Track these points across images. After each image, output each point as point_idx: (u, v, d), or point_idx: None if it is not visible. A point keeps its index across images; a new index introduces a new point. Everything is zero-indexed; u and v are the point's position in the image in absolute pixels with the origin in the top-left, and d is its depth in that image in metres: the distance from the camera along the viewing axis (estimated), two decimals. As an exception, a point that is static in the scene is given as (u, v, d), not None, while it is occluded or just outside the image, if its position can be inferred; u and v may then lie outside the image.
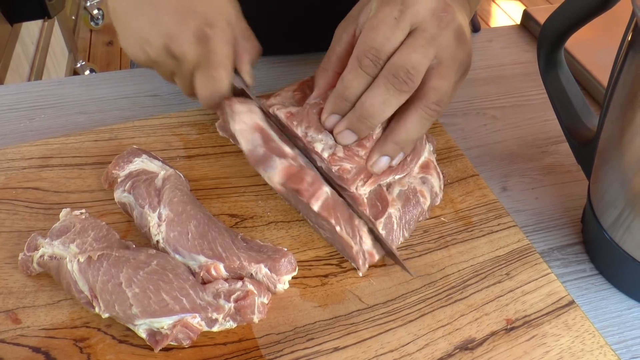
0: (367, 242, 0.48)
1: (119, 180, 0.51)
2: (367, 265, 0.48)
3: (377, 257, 0.48)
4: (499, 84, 0.73)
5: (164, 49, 0.50)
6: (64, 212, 0.49)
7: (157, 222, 0.48)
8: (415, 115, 0.46)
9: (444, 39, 0.45)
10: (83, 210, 0.49)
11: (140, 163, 0.52)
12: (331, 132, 0.49)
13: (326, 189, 0.47)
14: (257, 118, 0.49)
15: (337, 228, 0.46)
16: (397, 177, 0.51)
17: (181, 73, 0.52)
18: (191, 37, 0.49)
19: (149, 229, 0.48)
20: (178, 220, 0.47)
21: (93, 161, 0.56)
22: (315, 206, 0.46)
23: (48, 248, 0.46)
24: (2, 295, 0.45)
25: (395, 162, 0.49)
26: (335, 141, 0.48)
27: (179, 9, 0.50)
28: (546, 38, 0.52)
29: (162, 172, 0.51)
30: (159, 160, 0.53)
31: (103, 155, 0.56)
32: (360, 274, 0.48)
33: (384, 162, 0.48)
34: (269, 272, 0.46)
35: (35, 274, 0.47)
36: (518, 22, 0.86)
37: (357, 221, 0.48)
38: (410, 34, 0.45)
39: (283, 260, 0.46)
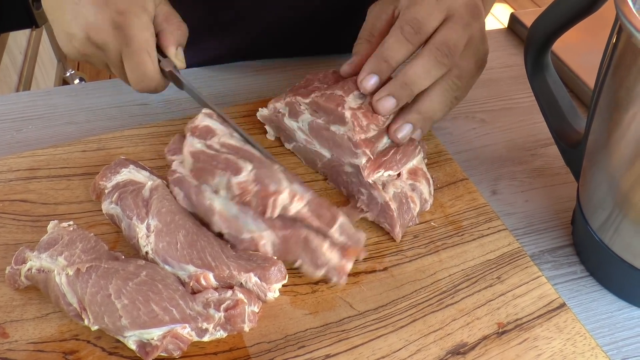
0: (333, 258, 0.46)
1: (106, 191, 0.51)
2: (344, 278, 0.46)
3: (349, 267, 0.46)
4: (488, 87, 0.73)
5: (87, 41, 0.53)
6: (51, 225, 0.48)
7: (146, 233, 0.47)
8: (439, 87, 0.51)
9: (475, 29, 0.51)
10: (71, 222, 0.49)
11: (128, 174, 0.52)
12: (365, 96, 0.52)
13: (269, 234, 0.47)
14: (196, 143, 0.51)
15: (297, 263, 0.46)
16: (388, 173, 0.52)
17: (111, 62, 0.55)
18: (108, 26, 0.52)
19: (138, 240, 0.47)
20: (167, 230, 0.47)
21: (81, 172, 0.55)
22: (270, 252, 0.47)
23: (36, 261, 0.46)
24: (-10, 309, 0.45)
25: (417, 135, 0.53)
26: (374, 110, 0.51)
27: (95, 1, 0.52)
28: (533, 42, 0.53)
29: (150, 183, 0.50)
30: (146, 170, 0.53)
31: (91, 166, 0.56)
32: (342, 284, 0.47)
33: (407, 129, 0.52)
34: (259, 281, 0.45)
35: (23, 288, 0.46)
36: (505, 25, 0.86)
37: (314, 243, 0.46)
38: (447, 17, 0.50)
39: (273, 268, 0.46)
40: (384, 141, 0.53)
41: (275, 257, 0.47)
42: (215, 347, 0.44)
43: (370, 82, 0.51)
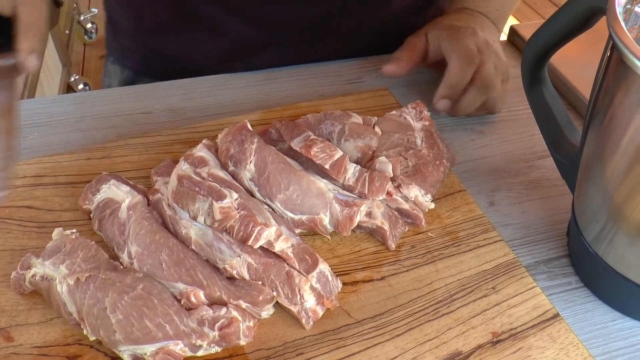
0: (310, 300, 0.47)
1: (91, 215, 0.52)
2: (311, 322, 0.47)
3: (320, 314, 0.47)
4: (486, 99, 0.74)
5: None
6: (56, 232, 0.49)
7: (128, 261, 0.48)
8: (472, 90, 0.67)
9: (490, 65, 0.66)
10: (74, 230, 0.50)
11: (107, 190, 0.52)
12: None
13: (247, 258, 0.47)
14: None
15: (274, 293, 0.47)
16: (367, 204, 0.53)
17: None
18: None
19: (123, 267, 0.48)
20: (147, 253, 0.47)
21: (86, 179, 0.56)
22: (246, 276, 0.47)
23: (40, 268, 0.47)
24: (-5, 314, 0.46)
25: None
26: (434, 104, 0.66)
27: None
28: (529, 57, 0.54)
29: (127, 201, 0.50)
30: (127, 185, 0.53)
31: (96, 174, 0.57)
32: (307, 329, 0.47)
33: (444, 102, 0.67)
34: (250, 305, 0.46)
35: (28, 292, 0.47)
36: (506, 36, 0.87)
37: (297, 279, 0.47)
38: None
39: (260, 297, 0.46)
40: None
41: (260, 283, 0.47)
42: (215, 354, 0.45)
43: (443, 104, 0.67)
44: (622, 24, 0.40)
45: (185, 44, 0.80)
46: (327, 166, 0.53)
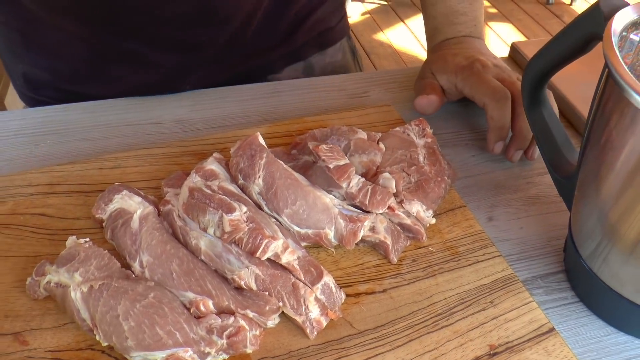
0: (314, 311, 0.49)
1: (103, 224, 0.53)
2: (315, 332, 0.48)
3: (324, 324, 0.49)
4: (487, 115, 0.76)
5: None
6: (70, 240, 0.51)
7: (140, 270, 0.49)
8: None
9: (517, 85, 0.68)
10: (87, 239, 0.51)
11: (120, 201, 0.54)
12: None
13: (254, 270, 0.49)
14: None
15: (280, 304, 0.48)
16: (371, 219, 0.54)
17: None
18: None
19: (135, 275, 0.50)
20: (158, 262, 0.49)
21: (98, 189, 0.58)
22: (253, 286, 0.49)
23: (54, 275, 0.48)
24: (10, 318, 0.48)
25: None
26: (510, 159, 0.69)
27: None
28: (529, 79, 0.56)
29: (139, 211, 0.52)
30: (139, 196, 0.55)
31: (107, 183, 0.58)
32: (311, 338, 0.48)
33: (500, 145, 0.68)
34: (257, 315, 0.48)
35: (42, 298, 0.49)
36: (508, 48, 0.89)
37: (302, 290, 0.49)
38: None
39: (267, 307, 0.48)
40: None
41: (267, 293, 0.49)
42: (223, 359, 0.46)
43: (500, 147, 0.68)
44: (617, 51, 0.42)
45: (110, 83, 0.80)
46: (331, 166, 0.55)
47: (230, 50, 0.80)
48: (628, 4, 0.46)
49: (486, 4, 3.31)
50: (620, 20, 0.45)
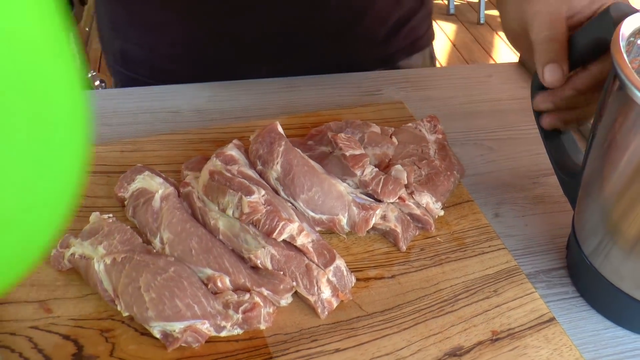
0: (326, 292, 0.51)
1: (125, 202, 0.56)
2: (326, 312, 0.50)
3: (335, 305, 0.51)
4: (496, 117, 0.78)
5: None
6: (93, 216, 0.53)
7: (160, 246, 0.52)
8: None
9: None
10: (111, 215, 0.53)
11: (142, 181, 0.56)
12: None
13: (270, 250, 0.51)
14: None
15: (294, 283, 0.51)
16: (382, 207, 0.57)
17: None
18: None
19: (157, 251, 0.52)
20: (178, 240, 0.51)
21: (119, 170, 0.60)
22: (270, 267, 0.51)
23: (78, 247, 0.51)
24: (36, 287, 0.50)
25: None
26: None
27: None
28: (538, 82, 0.58)
29: (160, 191, 0.54)
30: (160, 177, 0.57)
31: (128, 165, 0.61)
32: (322, 318, 0.50)
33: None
34: (271, 293, 0.50)
35: (66, 269, 0.51)
36: (518, 57, 0.91)
37: (315, 272, 0.51)
38: None
39: (281, 286, 0.50)
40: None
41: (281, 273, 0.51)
42: (236, 335, 0.48)
43: (553, 73, 0.54)
44: (625, 55, 0.44)
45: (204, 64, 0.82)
46: (347, 154, 0.57)
47: (329, 47, 0.83)
48: (637, 11, 0.48)
49: (495, 12, 3.33)
50: (629, 26, 0.47)
